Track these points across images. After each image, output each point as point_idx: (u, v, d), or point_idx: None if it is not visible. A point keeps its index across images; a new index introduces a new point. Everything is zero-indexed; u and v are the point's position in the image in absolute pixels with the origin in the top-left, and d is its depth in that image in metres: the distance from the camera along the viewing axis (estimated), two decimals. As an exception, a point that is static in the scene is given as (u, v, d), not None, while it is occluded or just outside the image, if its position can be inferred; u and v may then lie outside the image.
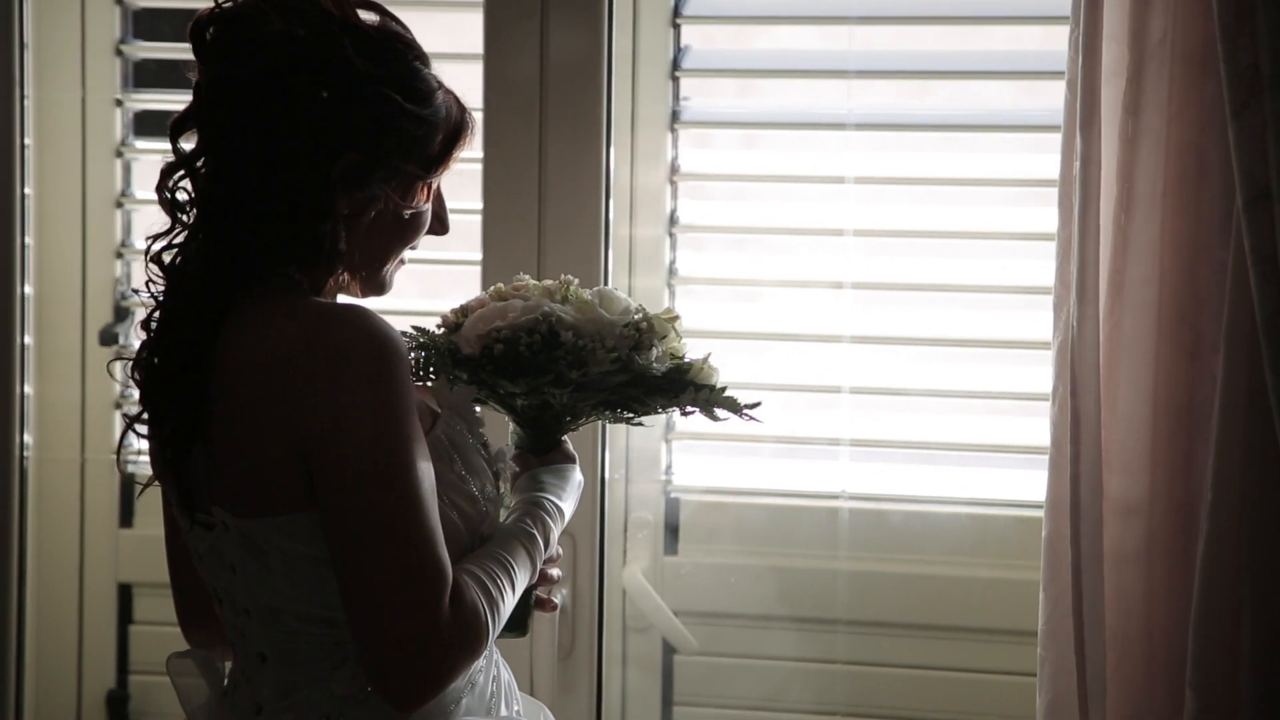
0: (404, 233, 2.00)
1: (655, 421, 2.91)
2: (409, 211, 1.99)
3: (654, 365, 2.07)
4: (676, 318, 2.13)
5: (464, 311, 2.11)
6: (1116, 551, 2.53)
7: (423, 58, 1.98)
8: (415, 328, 2.11)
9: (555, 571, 2.12)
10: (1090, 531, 2.46)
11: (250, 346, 1.88)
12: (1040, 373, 2.59)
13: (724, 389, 2.11)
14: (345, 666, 1.92)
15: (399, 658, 1.84)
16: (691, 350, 2.13)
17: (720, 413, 2.11)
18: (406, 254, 2.03)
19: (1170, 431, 2.53)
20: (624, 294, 2.12)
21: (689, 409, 2.11)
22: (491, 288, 2.12)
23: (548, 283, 2.11)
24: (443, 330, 2.11)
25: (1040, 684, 2.58)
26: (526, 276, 2.13)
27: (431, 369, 2.09)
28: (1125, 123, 2.50)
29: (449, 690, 1.95)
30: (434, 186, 2.02)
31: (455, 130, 2.00)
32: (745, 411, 2.11)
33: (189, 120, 1.95)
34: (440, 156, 1.99)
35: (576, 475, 2.13)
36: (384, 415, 1.84)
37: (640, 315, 2.09)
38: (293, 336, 1.86)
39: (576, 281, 2.11)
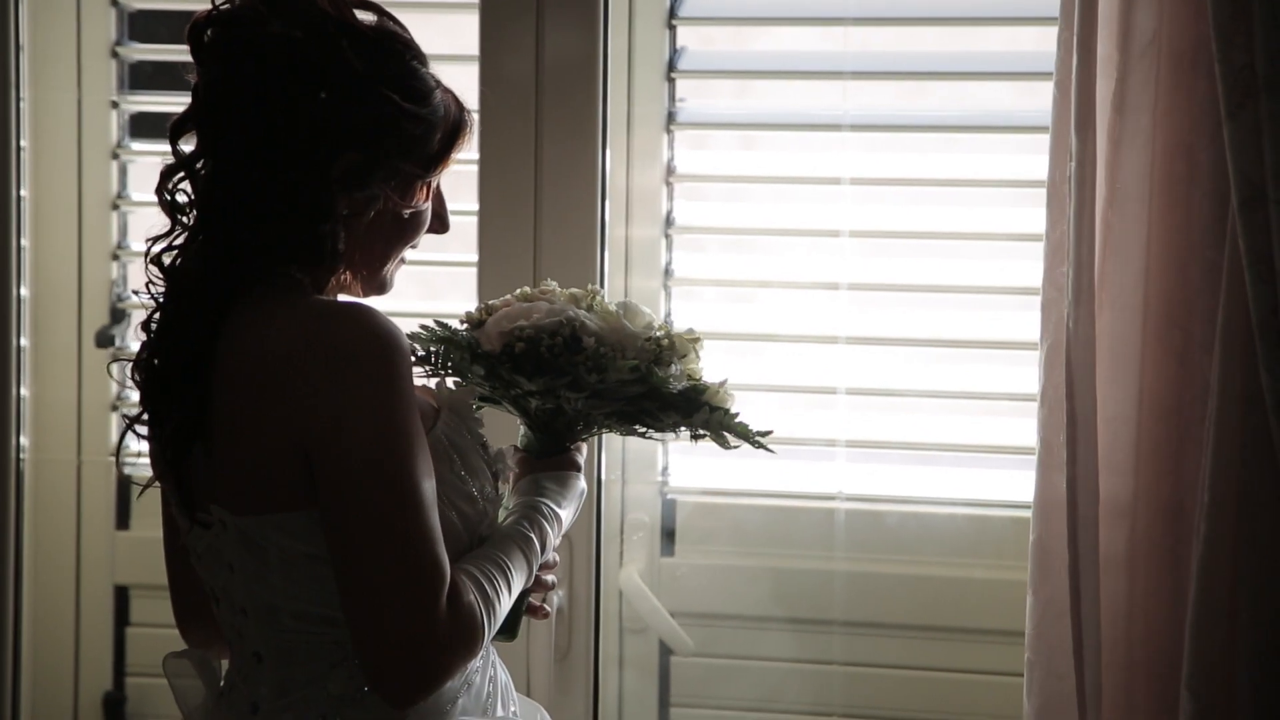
0: (404, 232, 2.00)
1: (665, 437, 2.91)
2: (408, 211, 1.99)
3: (671, 381, 2.08)
4: (698, 339, 2.13)
5: (488, 310, 2.12)
6: (1103, 554, 2.53)
7: (420, 57, 1.98)
8: (437, 321, 2.12)
9: (550, 577, 2.12)
10: (1087, 534, 2.46)
11: (251, 345, 1.88)
12: (1036, 373, 2.59)
13: (737, 415, 2.11)
14: (343, 666, 1.92)
15: (396, 657, 1.84)
16: (707, 374, 2.14)
17: (731, 440, 2.11)
18: (407, 253, 2.04)
19: (1157, 434, 2.52)
20: (649, 310, 2.12)
21: (700, 431, 2.11)
22: (518, 290, 2.13)
23: (574, 290, 2.12)
24: (465, 326, 2.12)
25: (1028, 688, 2.58)
26: (553, 283, 2.14)
27: (450, 364, 2.09)
28: (1114, 122, 2.50)
29: (445, 690, 1.95)
30: (433, 185, 2.02)
31: (454, 129, 2.00)
32: (757, 440, 2.11)
33: (188, 122, 1.96)
34: (439, 155, 1.99)
35: (580, 484, 2.13)
36: (385, 414, 1.84)
37: (663, 332, 2.10)
38: (293, 335, 1.87)
39: (603, 292, 2.13)
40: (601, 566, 2.93)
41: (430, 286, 3.05)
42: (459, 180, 2.75)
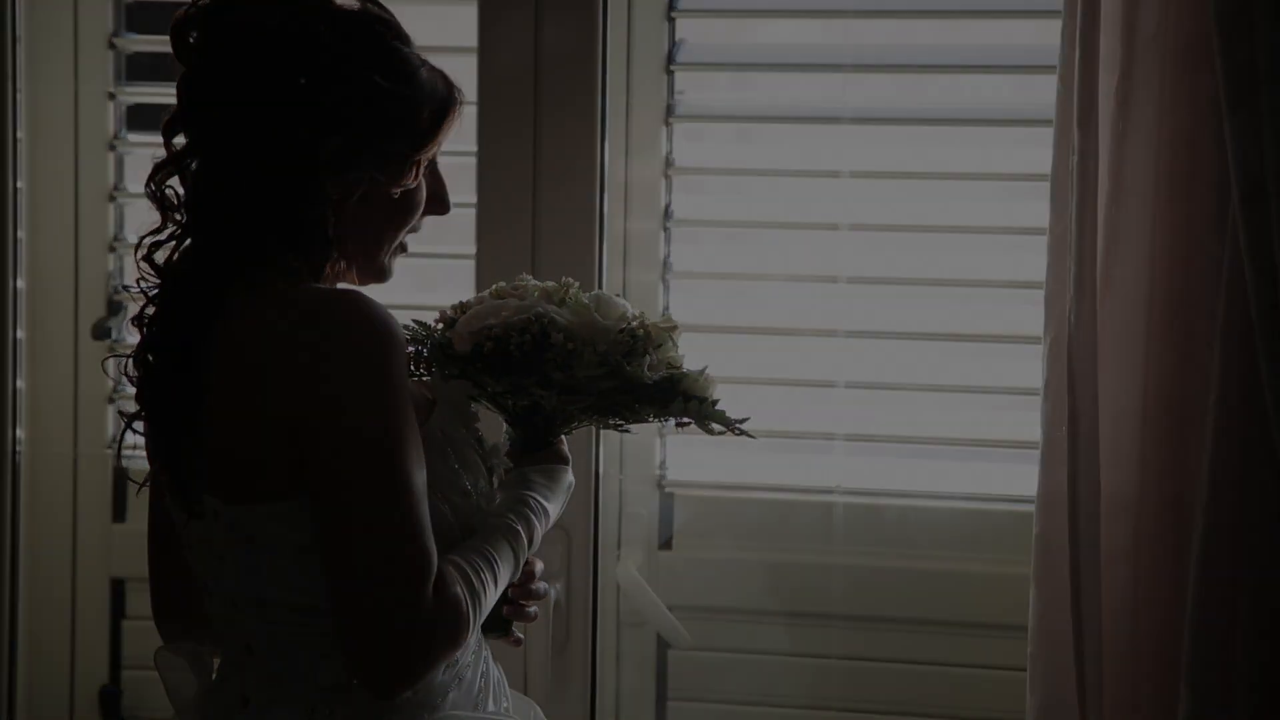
0: (396, 214, 1.99)
1: (645, 429, 2.90)
2: (399, 190, 1.98)
3: (645, 373, 2.06)
4: (675, 327, 2.12)
5: (462, 308, 2.11)
6: (1106, 548, 2.52)
7: (402, 36, 1.97)
8: (415, 321, 2.11)
9: (539, 585, 2.12)
10: (1088, 528, 2.46)
11: (243, 335, 1.88)
12: (1037, 368, 2.59)
13: (716, 402, 2.10)
14: (333, 657, 1.91)
15: (380, 646, 1.83)
16: (691, 358, 2.12)
17: (715, 426, 2.10)
18: (408, 239, 2.03)
19: (1161, 428, 2.52)
20: (624, 301, 2.11)
21: (682, 419, 2.10)
22: (494, 286, 2.12)
23: (548, 284, 2.11)
24: (440, 325, 2.11)
25: (1031, 682, 2.58)
26: (529, 277, 2.13)
27: (432, 364, 2.09)
28: (1117, 117, 2.49)
29: (436, 684, 1.95)
30: (424, 165, 2.01)
31: (441, 106, 1.99)
32: (737, 427, 2.10)
33: (177, 121, 1.95)
34: (427, 134, 1.98)
35: (567, 477, 2.13)
36: (377, 400, 1.84)
37: (637, 322, 2.08)
38: (286, 322, 1.86)
39: (577, 285, 2.11)
40: (599, 560, 2.92)
41: (427, 279, 3.04)
42: (457, 172, 2.74)
